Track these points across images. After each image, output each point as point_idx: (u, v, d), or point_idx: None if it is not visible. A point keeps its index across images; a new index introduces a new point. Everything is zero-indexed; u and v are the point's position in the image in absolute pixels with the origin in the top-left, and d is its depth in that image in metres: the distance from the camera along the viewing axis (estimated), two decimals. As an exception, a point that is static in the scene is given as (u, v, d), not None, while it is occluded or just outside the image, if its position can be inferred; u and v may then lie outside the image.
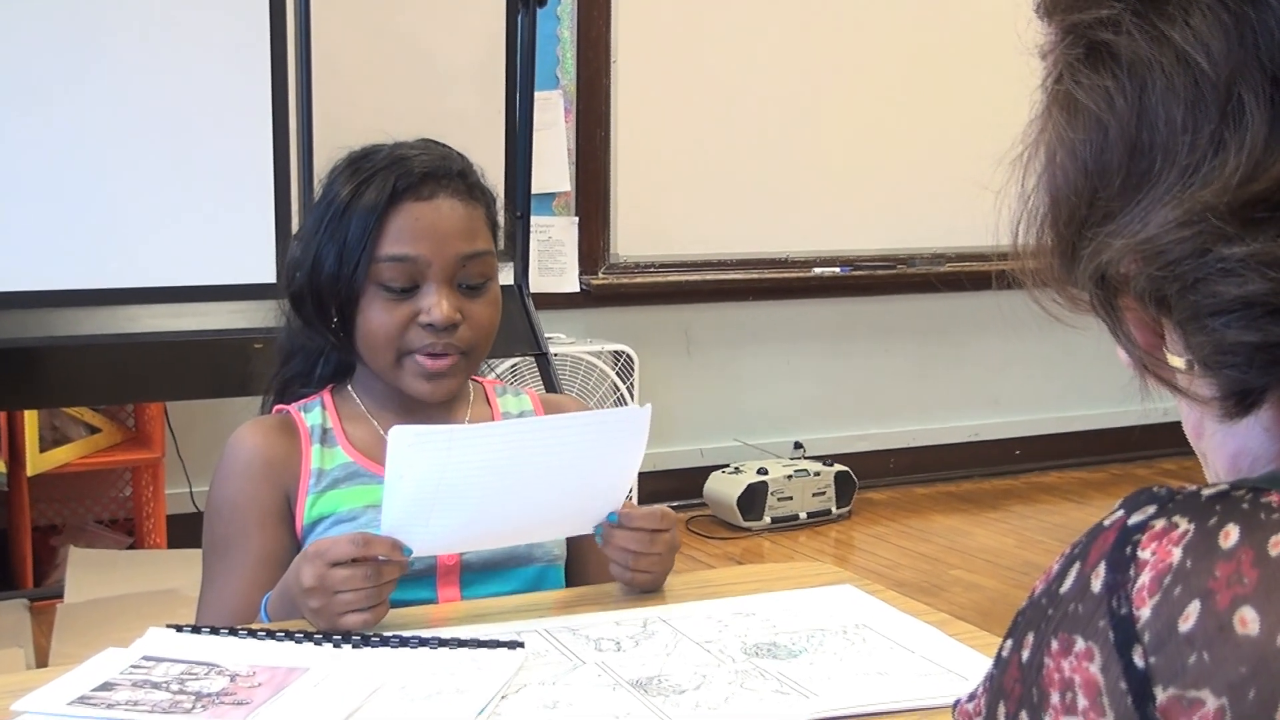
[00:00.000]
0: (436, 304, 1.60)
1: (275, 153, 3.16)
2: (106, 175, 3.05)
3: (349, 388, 1.73)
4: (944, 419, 5.50)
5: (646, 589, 1.58)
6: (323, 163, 1.72)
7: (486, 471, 1.45)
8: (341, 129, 2.88)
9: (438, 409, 1.69)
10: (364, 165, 1.64)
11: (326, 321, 1.66)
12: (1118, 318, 0.71)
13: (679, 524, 1.60)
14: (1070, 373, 5.57)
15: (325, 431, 1.68)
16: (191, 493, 4.20)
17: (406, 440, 1.40)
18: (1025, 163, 0.73)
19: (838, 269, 5.15)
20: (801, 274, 5.11)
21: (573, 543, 1.71)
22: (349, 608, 1.41)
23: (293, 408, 1.70)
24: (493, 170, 1.78)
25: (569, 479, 1.51)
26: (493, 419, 1.75)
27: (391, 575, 1.43)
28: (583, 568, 1.74)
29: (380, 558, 1.42)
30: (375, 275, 1.61)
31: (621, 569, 1.56)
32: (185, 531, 3.93)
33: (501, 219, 1.73)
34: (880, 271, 5.20)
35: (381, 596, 1.42)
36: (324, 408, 1.70)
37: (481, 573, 1.64)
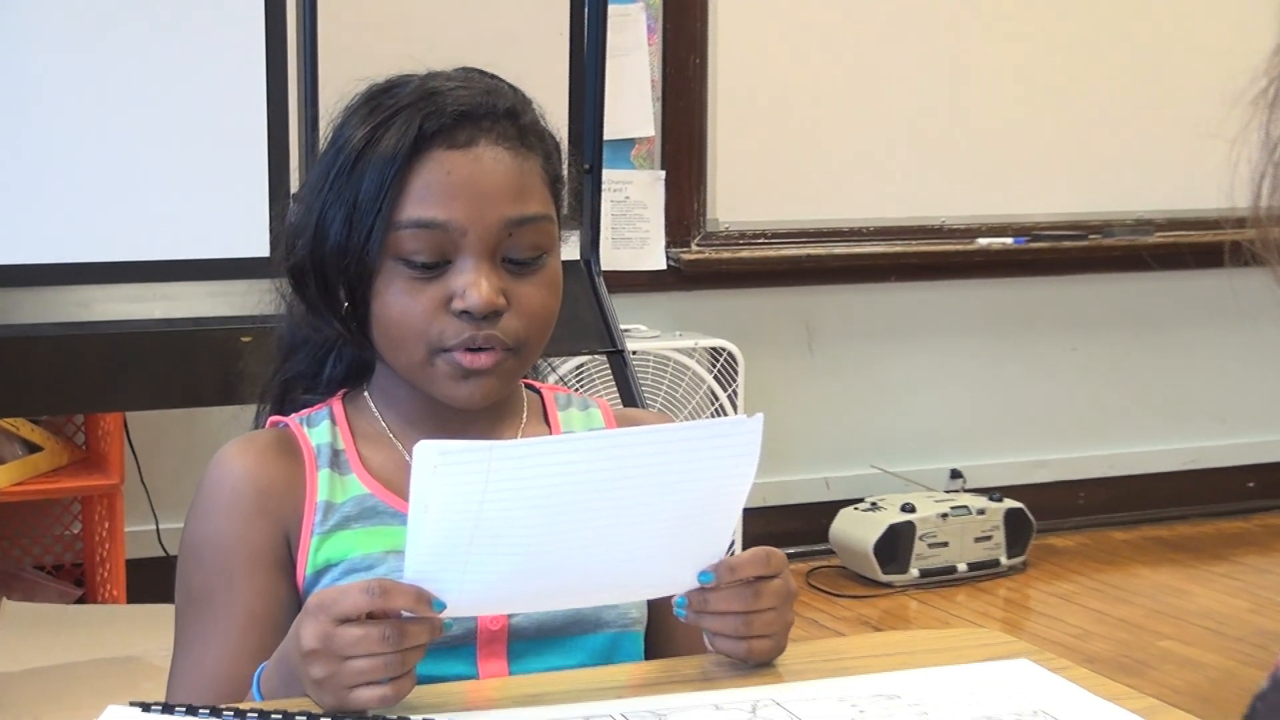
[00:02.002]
0: (473, 284, 1.60)
1: (269, 85, 3.19)
2: (41, 114, 3.08)
3: (365, 395, 1.74)
4: (1152, 440, 5.45)
5: (763, 659, 1.57)
6: (331, 98, 1.72)
7: (539, 504, 1.42)
8: (355, 54, 2.92)
9: (479, 423, 1.69)
10: (385, 102, 1.64)
11: (333, 306, 1.67)
12: None
13: (796, 577, 1.60)
14: (1323, 379, 5.51)
15: (335, 453, 1.69)
16: (159, 531, 4.24)
17: (431, 461, 1.39)
18: (1273, 101, 0.72)
19: (1009, 240, 5.12)
20: (961, 246, 5.08)
21: (655, 602, 1.70)
22: (362, 679, 1.40)
23: (293, 421, 1.71)
24: (554, 109, 1.77)
25: (654, 519, 1.48)
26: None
27: (419, 638, 1.42)
28: (668, 634, 1.74)
29: (404, 613, 1.42)
30: (394, 246, 1.61)
31: (730, 639, 1.54)
32: (151, 581, 3.97)
33: (565, 173, 1.73)
34: (1066, 243, 5.16)
35: (405, 666, 1.42)
36: (333, 421, 1.71)
37: (536, 641, 1.64)
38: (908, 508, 4.72)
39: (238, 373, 1.92)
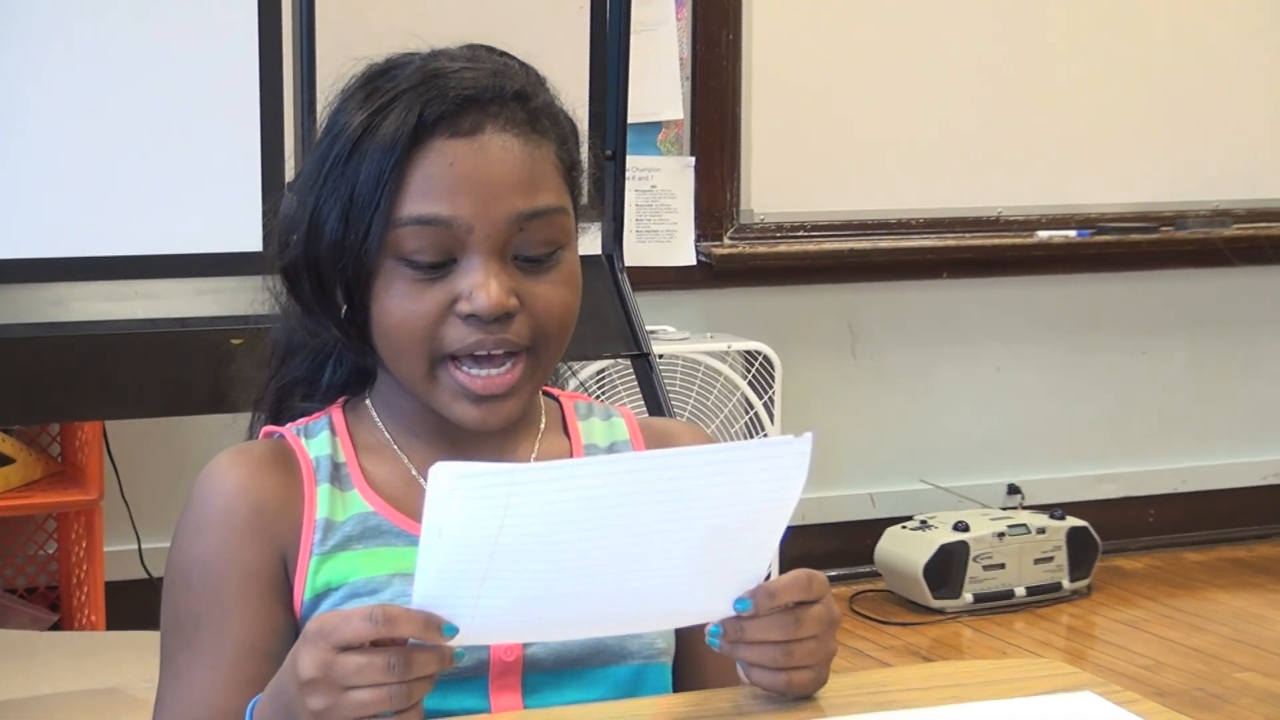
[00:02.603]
0: (481, 285, 1.60)
1: (262, 63, 3.19)
2: (8, 96, 3.09)
3: (367, 403, 1.74)
4: (1230, 452, 5.44)
5: (803, 692, 1.56)
6: (329, 78, 1.72)
7: (563, 531, 1.42)
8: (356, 29, 2.92)
9: (493, 435, 1.69)
10: (384, 85, 1.64)
11: (330, 308, 1.67)
12: None
13: (839, 602, 1.59)
14: None
15: (336, 466, 1.69)
16: (141, 551, 4.25)
17: (447, 484, 1.38)
18: None
19: (1073, 232, 5.11)
20: (1020, 239, 5.08)
21: (684, 630, 1.70)
22: (365, 711, 1.40)
23: (289, 431, 1.72)
24: (572, 89, 1.77)
25: (687, 545, 1.47)
26: (571, 452, 1.75)
27: (426, 668, 1.42)
28: (698, 664, 1.74)
29: (411, 641, 1.42)
30: (395, 245, 1.61)
31: (768, 671, 1.54)
32: (133, 606, 3.98)
33: (584, 159, 1.73)
34: (1135, 236, 5.15)
35: (412, 698, 1.42)
36: (333, 432, 1.71)
37: (554, 673, 1.64)
38: (961, 526, 4.72)
39: (228, 378, 1.92)
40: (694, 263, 4.80)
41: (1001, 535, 4.72)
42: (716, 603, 1.52)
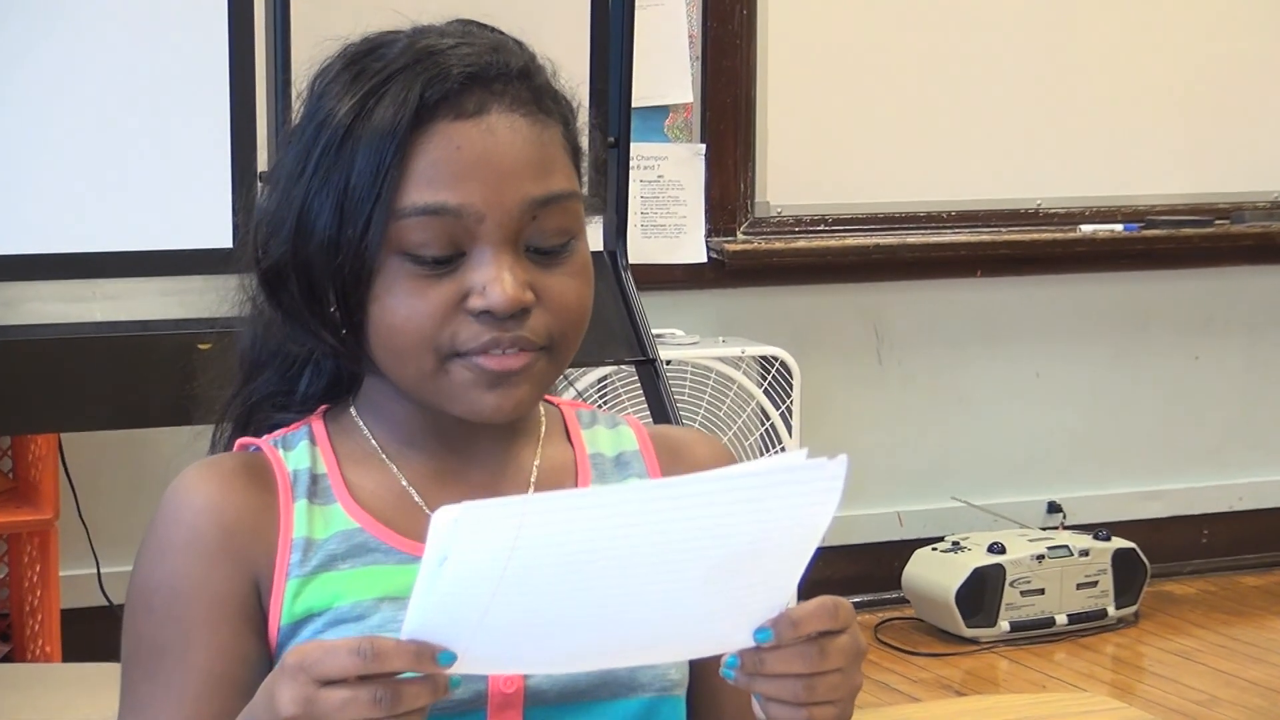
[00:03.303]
0: (495, 279, 1.60)
1: (232, 43, 3.20)
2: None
3: (351, 410, 1.74)
4: (1290, 467, 5.44)
5: (825, 730, 1.57)
6: (303, 60, 1.72)
7: (574, 563, 1.41)
8: (334, 5, 2.93)
9: (491, 440, 1.70)
10: (372, 66, 1.64)
11: (320, 313, 1.67)
12: None
13: (864, 630, 1.59)
14: None
15: (316, 479, 1.69)
16: (100, 575, 4.25)
17: (453, 514, 1.37)
18: None
19: (1119, 226, 5.11)
20: (1062, 234, 5.09)
21: (699, 662, 1.70)
22: (349, 752, 1.41)
23: (266, 443, 1.72)
24: (572, 69, 1.76)
25: (705, 573, 1.46)
26: (575, 461, 1.75)
27: (417, 701, 1.42)
28: (713, 698, 1.74)
29: (400, 675, 1.41)
30: (397, 239, 1.60)
31: (788, 706, 1.53)
32: (91, 635, 3.99)
33: (586, 145, 1.73)
34: (1187, 230, 5.16)
35: (401, 736, 1.43)
36: (313, 442, 1.71)
37: (558, 706, 1.64)
38: (996, 548, 4.72)
39: (192, 391, 1.92)
40: (704, 260, 4.80)
41: (1041, 558, 4.72)
42: (735, 632, 1.52)
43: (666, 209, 4.77)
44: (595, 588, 1.45)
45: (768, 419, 4.49)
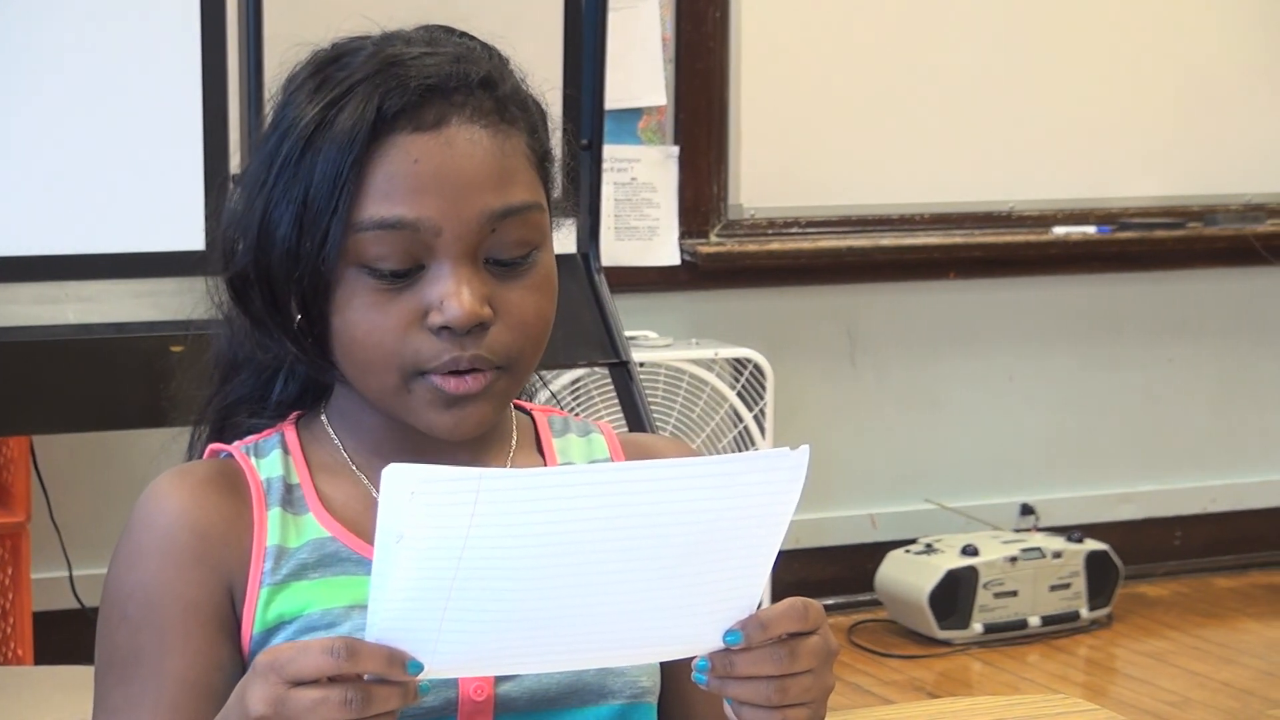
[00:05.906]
0: (452, 294, 1.59)
1: (204, 43, 3.19)
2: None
3: (323, 418, 1.74)
4: (1263, 469, 5.45)
5: (797, 733, 1.57)
6: (276, 66, 1.72)
7: (535, 546, 1.41)
8: (307, 8, 2.93)
9: (461, 452, 1.70)
10: (336, 74, 1.64)
11: (284, 322, 1.67)
12: None
13: (837, 632, 1.60)
14: None
15: (289, 488, 1.69)
16: (72, 579, 4.24)
17: (406, 487, 1.38)
18: None
19: (1092, 229, 5.12)
20: (1035, 236, 5.09)
21: (669, 667, 1.71)
22: (319, 753, 1.41)
23: (238, 450, 1.72)
24: (544, 72, 1.76)
25: (669, 566, 1.47)
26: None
27: (387, 704, 1.42)
28: (685, 703, 1.74)
29: (368, 676, 1.41)
30: (355, 251, 1.60)
31: (760, 709, 1.53)
32: (64, 638, 3.99)
33: (558, 150, 1.73)
34: (1160, 232, 5.17)
35: (371, 738, 1.43)
36: (286, 451, 1.71)
37: (528, 714, 1.64)
38: (969, 550, 4.73)
39: (167, 394, 1.92)
40: (678, 262, 4.80)
41: (1014, 560, 4.73)
42: (704, 634, 1.52)
43: (640, 211, 4.77)
44: (558, 576, 1.45)
45: (741, 421, 4.49)
